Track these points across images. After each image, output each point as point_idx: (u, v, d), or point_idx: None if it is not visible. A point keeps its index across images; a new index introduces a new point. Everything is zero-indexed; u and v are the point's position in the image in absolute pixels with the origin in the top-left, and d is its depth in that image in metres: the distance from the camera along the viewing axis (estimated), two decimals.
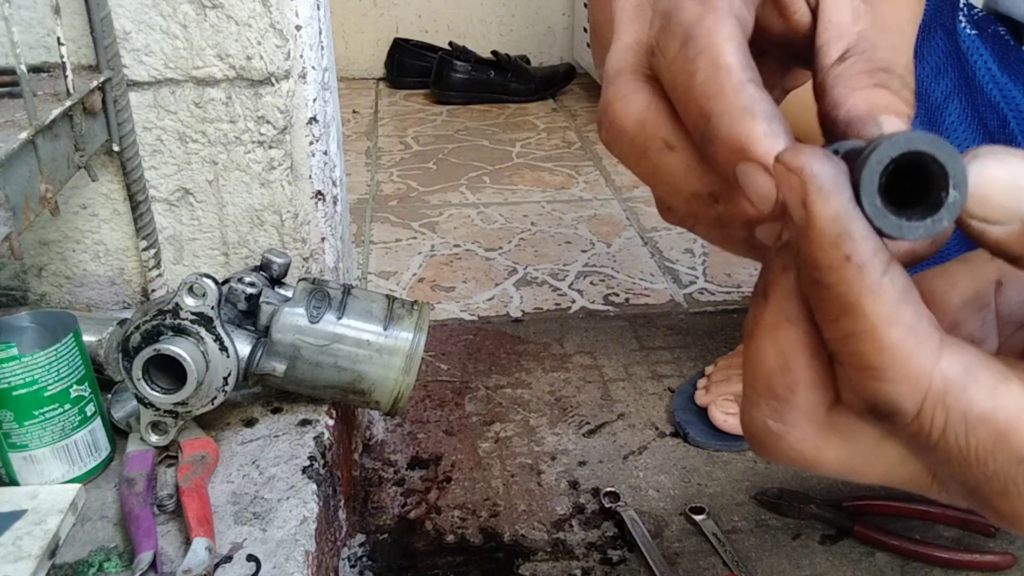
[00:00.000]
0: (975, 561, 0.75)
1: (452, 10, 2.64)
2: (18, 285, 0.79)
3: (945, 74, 0.62)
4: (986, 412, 0.21)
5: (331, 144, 0.80)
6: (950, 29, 0.63)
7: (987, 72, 0.61)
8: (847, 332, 0.21)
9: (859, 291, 0.21)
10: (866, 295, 0.21)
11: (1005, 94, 0.61)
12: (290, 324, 0.66)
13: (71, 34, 0.68)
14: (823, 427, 0.24)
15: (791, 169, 0.21)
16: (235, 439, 0.68)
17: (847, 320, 0.21)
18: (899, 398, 0.21)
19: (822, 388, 0.24)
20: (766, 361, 0.24)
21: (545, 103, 2.40)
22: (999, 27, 0.64)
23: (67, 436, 0.61)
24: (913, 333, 0.21)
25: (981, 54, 0.62)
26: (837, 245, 0.21)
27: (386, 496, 0.86)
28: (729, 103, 0.23)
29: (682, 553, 0.78)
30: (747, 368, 0.25)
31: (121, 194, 0.75)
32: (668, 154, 0.25)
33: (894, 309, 0.21)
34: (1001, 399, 0.21)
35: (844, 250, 0.21)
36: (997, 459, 0.21)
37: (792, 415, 0.24)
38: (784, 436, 0.24)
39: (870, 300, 0.21)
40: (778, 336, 0.24)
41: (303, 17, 0.71)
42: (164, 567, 0.55)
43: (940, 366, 0.21)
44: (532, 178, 1.80)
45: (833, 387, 0.24)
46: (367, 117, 2.27)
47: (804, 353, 0.23)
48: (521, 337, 1.16)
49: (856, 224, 0.21)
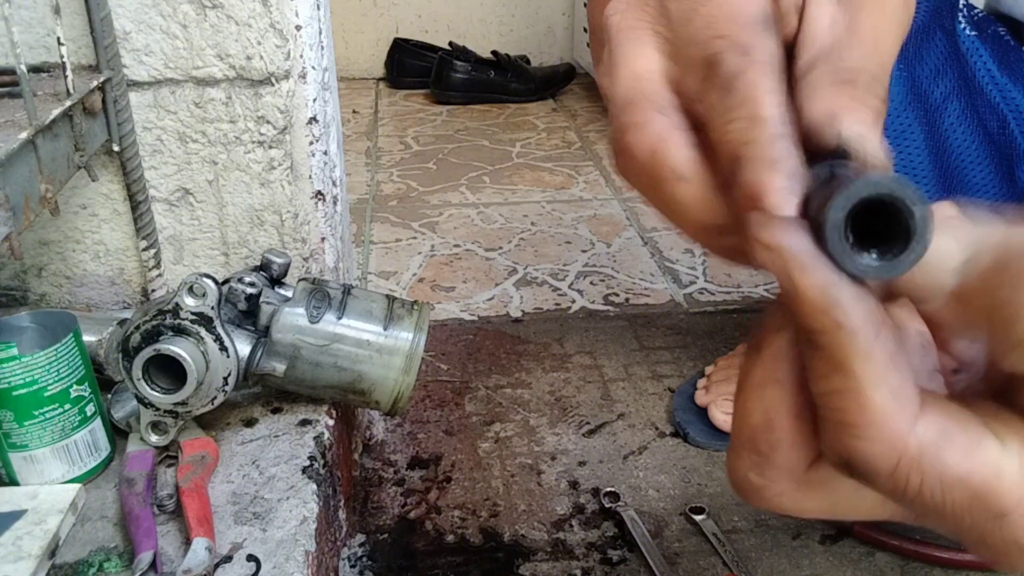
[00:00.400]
0: (975, 561, 0.75)
1: (452, 10, 2.64)
2: (18, 285, 0.79)
3: (944, 75, 0.61)
4: (961, 475, 0.21)
5: (331, 144, 0.80)
6: (949, 30, 0.63)
7: (987, 73, 0.61)
8: (833, 388, 0.22)
9: (851, 353, 0.21)
10: (857, 358, 0.21)
11: (1005, 95, 0.61)
12: (290, 324, 0.66)
13: (71, 34, 0.68)
14: (802, 484, 0.25)
15: (770, 247, 0.22)
16: (235, 439, 0.68)
17: (836, 378, 0.22)
18: (873, 458, 0.22)
19: (803, 448, 0.24)
20: (751, 416, 0.25)
21: (545, 103, 2.40)
22: (999, 27, 0.64)
23: (67, 436, 0.61)
24: (896, 396, 0.21)
25: (981, 55, 0.62)
26: (827, 313, 0.21)
27: (386, 496, 0.86)
28: (759, 152, 0.23)
29: (682, 553, 0.78)
30: (735, 419, 0.26)
31: (121, 194, 0.75)
32: (681, 185, 0.26)
33: (883, 372, 0.21)
34: (976, 461, 0.22)
35: (835, 317, 0.21)
36: (973, 516, 0.22)
37: (771, 472, 0.25)
38: (763, 490, 0.25)
39: (860, 362, 0.21)
40: (764, 394, 0.24)
41: (303, 17, 0.71)
42: (164, 567, 0.55)
43: (916, 430, 0.22)
44: (532, 178, 1.80)
45: (815, 446, 0.24)
46: (367, 117, 2.27)
47: (788, 413, 0.24)
48: (521, 337, 1.16)
49: (845, 292, 0.21)
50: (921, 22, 0.63)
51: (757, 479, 0.25)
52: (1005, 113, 0.61)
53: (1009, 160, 0.61)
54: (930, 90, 0.61)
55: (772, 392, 0.24)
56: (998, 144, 0.61)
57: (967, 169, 0.61)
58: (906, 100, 0.61)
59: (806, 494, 0.25)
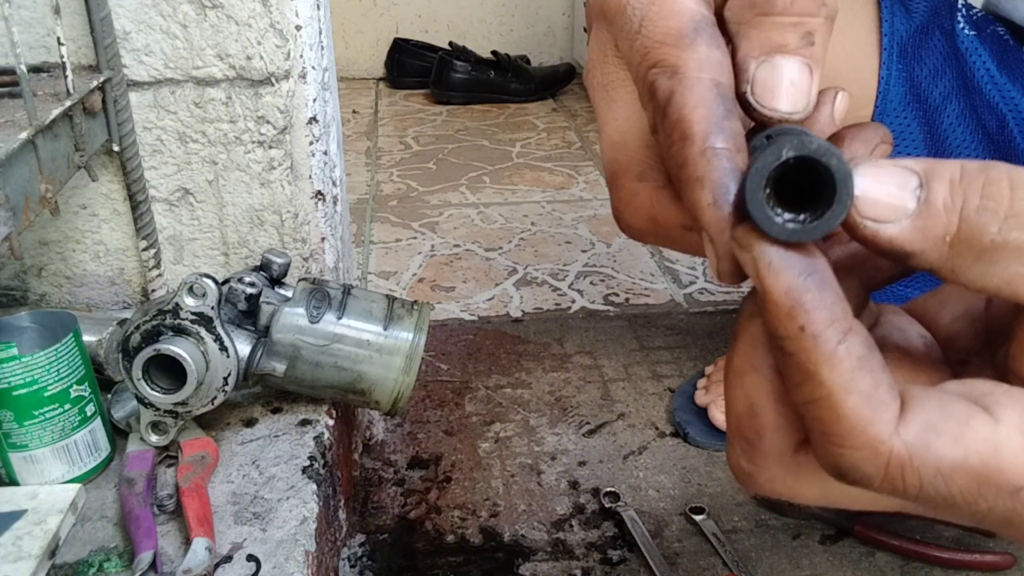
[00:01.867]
0: (975, 561, 0.75)
1: (452, 10, 2.64)
2: (18, 285, 0.79)
3: (943, 75, 0.61)
4: (958, 461, 0.21)
5: (331, 144, 0.80)
6: (948, 30, 0.63)
7: (985, 72, 0.61)
8: (808, 398, 0.22)
9: (816, 359, 0.21)
10: (823, 364, 0.21)
11: (1004, 94, 0.61)
12: (290, 324, 0.66)
13: (71, 34, 0.68)
14: (791, 468, 0.25)
15: (742, 247, 0.22)
16: (235, 439, 0.68)
17: (808, 387, 0.22)
18: (860, 464, 0.22)
19: (788, 432, 0.24)
20: (735, 404, 0.25)
21: (545, 103, 2.40)
22: (998, 27, 0.64)
23: (67, 436, 0.61)
24: (869, 400, 0.21)
25: (980, 55, 0.62)
26: (792, 316, 0.21)
27: (386, 496, 0.86)
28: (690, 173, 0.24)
29: (682, 553, 0.78)
30: (726, 409, 0.26)
31: (121, 194, 0.75)
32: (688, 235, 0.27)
33: (850, 377, 0.21)
34: (970, 443, 0.21)
35: (799, 321, 0.21)
36: (987, 498, 0.22)
37: (759, 458, 0.25)
38: (755, 476, 0.25)
39: (826, 368, 0.21)
40: (744, 382, 0.24)
41: (303, 17, 0.71)
42: (164, 567, 0.55)
43: (900, 431, 0.21)
44: (532, 178, 1.80)
45: (800, 429, 0.24)
46: (367, 117, 2.27)
47: (769, 399, 0.24)
48: (521, 337, 1.16)
49: (808, 296, 0.21)
50: (920, 22, 0.63)
51: (747, 465, 0.25)
52: (1004, 113, 0.60)
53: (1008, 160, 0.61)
54: (929, 90, 0.61)
55: (751, 379, 0.24)
56: (997, 144, 0.61)
57: None
58: (905, 100, 0.61)
59: (797, 478, 0.25)
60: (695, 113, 0.24)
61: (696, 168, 0.23)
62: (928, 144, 0.62)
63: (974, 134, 0.61)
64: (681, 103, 0.24)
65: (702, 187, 0.23)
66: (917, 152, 0.62)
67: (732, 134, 0.24)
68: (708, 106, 0.24)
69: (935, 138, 0.62)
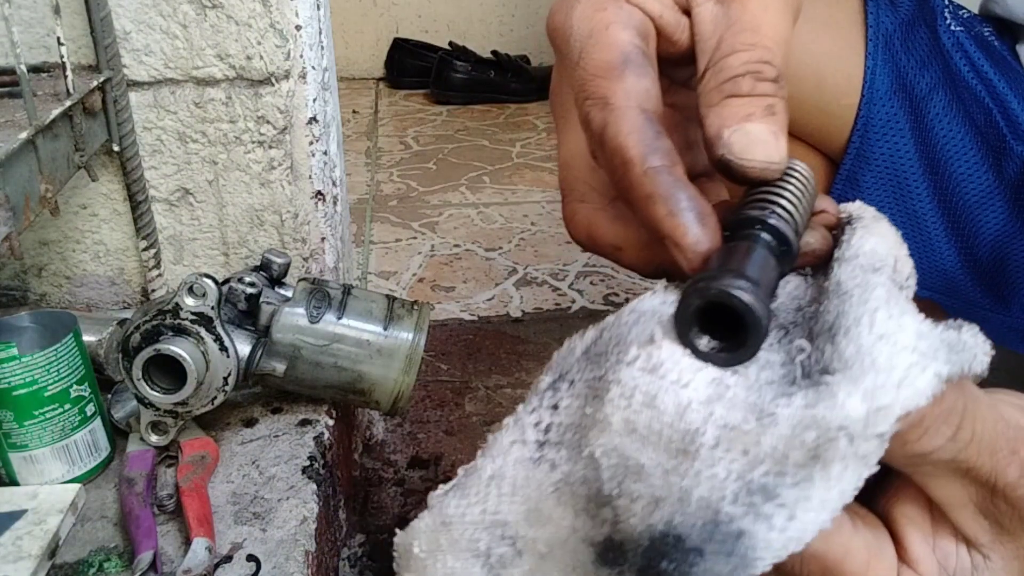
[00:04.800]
0: None
1: (452, 10, 2.64)
2: (18, 285, 0.79)
3: (929, 67, 0.61)
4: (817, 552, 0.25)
5: (331, 144, 0.80)
6: (933, 26, 0.63)
7: (971, 68, 0.61)
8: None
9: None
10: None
11: (989, 89, 0.61)
12: (290, 324, 0.66)
13: (71, 34, 0.68)
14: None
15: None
16: (235, 439, 0.68)
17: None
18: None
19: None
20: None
21: (545, 103, 2.40)
22: (984, 28, 0.64)
23: (67, 436, 0.61)
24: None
25: (965, 49, 0.62)
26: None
27: (386, 496, 0.86)
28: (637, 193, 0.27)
29: None
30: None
31: (121, 194, 0.75)
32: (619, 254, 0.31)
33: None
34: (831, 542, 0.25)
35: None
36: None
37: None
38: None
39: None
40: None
41: (303, 17, 0.71)
42: (164, 567, 0.55)
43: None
44: (532, 178, 1.80)
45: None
46: (367, 117, 2.27)
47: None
48: (521, 337, 1.16)
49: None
50: (905, 16, 0.63)
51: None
52: (991, 107, 0.60)
53: (997, 152, 0.61)
54: (915, 81, 0.61)
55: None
56: (985, 136, 0.61)
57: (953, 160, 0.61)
58: (892, 90, 0.61)
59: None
60: (629, 139, 0.27)
61: (643, 187, 0.26)
62: (915, 134, 0.62)
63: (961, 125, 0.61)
64: (615, 132, 0.27)
65: (654, 203, 0.26)
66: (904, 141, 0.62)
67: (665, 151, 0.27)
68: (640, 131, 0.27)
69: (922, 128, 0.61)
